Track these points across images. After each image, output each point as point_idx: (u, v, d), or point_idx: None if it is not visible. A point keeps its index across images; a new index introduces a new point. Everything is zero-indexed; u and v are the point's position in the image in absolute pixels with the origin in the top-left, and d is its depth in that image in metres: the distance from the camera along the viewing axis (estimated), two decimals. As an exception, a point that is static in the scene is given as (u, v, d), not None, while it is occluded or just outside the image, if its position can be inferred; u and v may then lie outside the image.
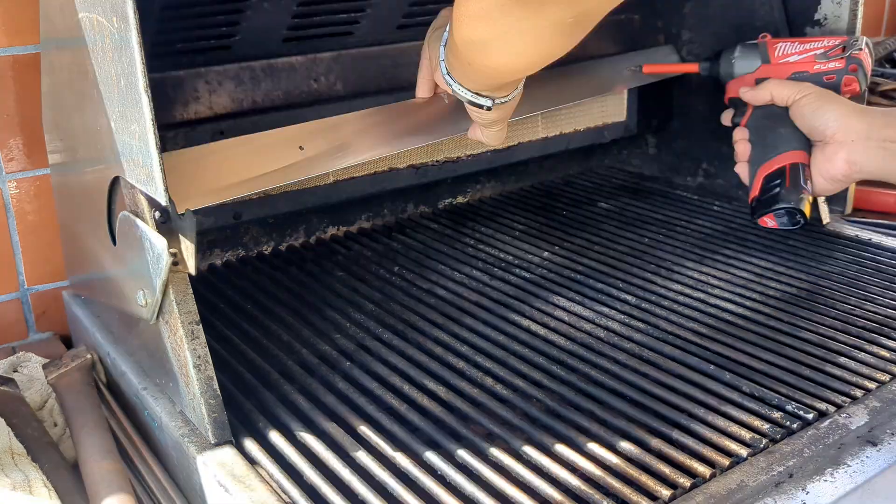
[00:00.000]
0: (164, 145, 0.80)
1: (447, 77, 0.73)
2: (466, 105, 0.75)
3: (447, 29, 0.73)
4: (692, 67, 1.02)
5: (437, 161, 1.10)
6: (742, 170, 0.91)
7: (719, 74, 0.98)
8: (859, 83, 0.89)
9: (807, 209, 0.84)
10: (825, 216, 1.06)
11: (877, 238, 1.01)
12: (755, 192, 0.87)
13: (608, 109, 1.25)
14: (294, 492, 0.60)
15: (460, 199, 1.17)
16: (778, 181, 0.84)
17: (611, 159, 1.32)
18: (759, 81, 0.93)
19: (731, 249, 0.98)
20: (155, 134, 0.58)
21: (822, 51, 0.90)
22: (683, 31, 1.17)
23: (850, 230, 1.04)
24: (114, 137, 0.65)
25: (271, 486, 0.61)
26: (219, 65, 0.88)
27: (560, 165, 1.26)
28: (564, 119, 1.20)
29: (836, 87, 0.88)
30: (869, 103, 1.06)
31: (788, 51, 0.92)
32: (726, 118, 0.97)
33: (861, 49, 0.89)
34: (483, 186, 1.19)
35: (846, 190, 1.07)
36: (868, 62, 0.90)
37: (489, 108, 0.73)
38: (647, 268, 0.94)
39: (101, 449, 0.72)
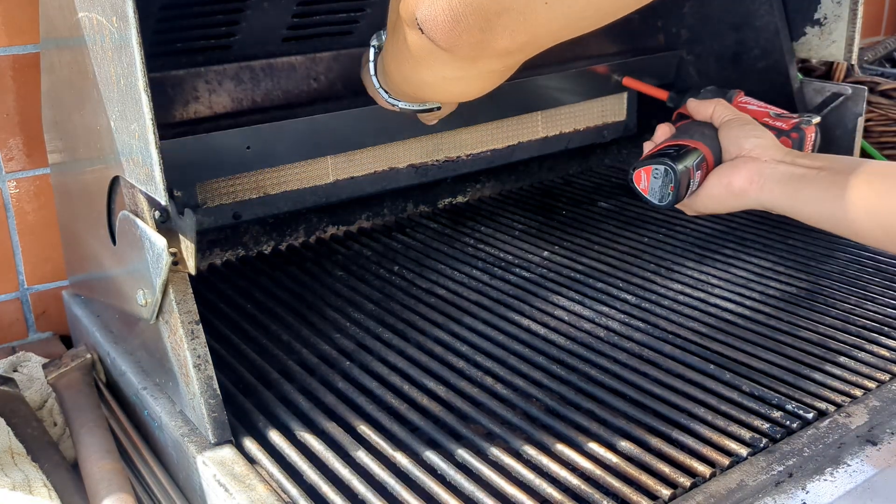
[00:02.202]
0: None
1: (389, 99, 0.78)
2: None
3: (375, 38, 0.78)
4: (662, 94, 1.04)
5: (436, 160, 1.10)
6: (648, 146, 0.87)
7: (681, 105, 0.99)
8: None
9: (682, 189, 0.79)
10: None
11: (877, 237, 1.01)
12: (648, 151, 0.84)
13: (608, 109, 1.25)
14: (294, 491, 0.60)
15: (460, 199, 1.17)
16: (677, 149, 0.82)
17: (611, 159, 1.32)
18: None
19: (730, 249, 0.98)
20: (155, 133, 0.58)
21: (778, 112, 0.94)
22: (683, 31, 1.18)
23: (850, 230, 1.04)
24: (114, 137, 0.65)
25: (271, 486, 0.61)
26: (218, 64, 0.88)
27: (560, 165, 1.26)
28: (564, 119, 1.20)
29: None
30: (869, 103, 1.06)
31: (751, 101, 0.97)
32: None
33: (810, 125, 0.92)
34: (483, 186, 1.19)
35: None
36: (810, 141, 0.92)
37: (438, 108, 0.79)
38: (646, 267, 0.94)
39: (101, 448, 0.72)
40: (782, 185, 0.75)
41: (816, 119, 0.93)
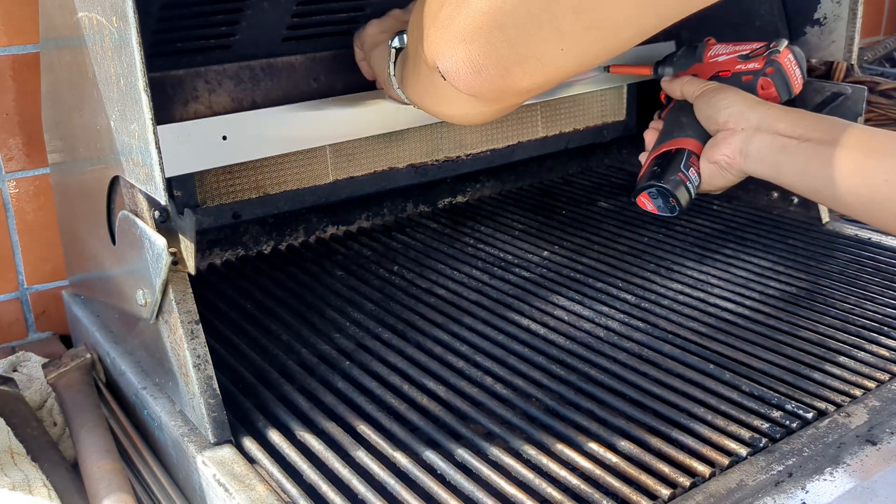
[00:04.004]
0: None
1: (408, 101, 0.78)
2: None
3: (397, 40, 0.78)
4: (646, 70, 1.03)
5: (436, 160, 1.10)
6: (643, 158, 0.90)
7: (663, 74, 0.97)
8: (777, 88, 0.86)
9: (682, 195, 0.81)
10: (825, 215, 1.06)
11: (876, 237, 1.01)
12: (640, 173, 0.86)
13: (607, 109, 1.25)
14: (293, 491, 0.60)
15: (460, 199, 1.17)
16: (660, 162, 0.83)
17: (610, 158, 1.32)
18: None
19: (730, 249, 0.98)
20: (155, 133, 0.58)
21: (747, 52, 0.89)
22: (683, 31, 1.17)
23: (850, 229, 1.04)
24: (113, 137, 0.65)
25: (271, 486, 0.61)
26: (218, 64, 0.88)
27: (559, 165, 1.26)
28: (564, 118, 1.20)
29: (752, 89, 0.86)
30: (869, 103, 1.06)
31: (720, 51, 0.91)
32: (657, 115, 0.96)
33: (779, 52, 0.87)
34: (483, 186, 1.19)
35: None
36: (789, 67, 0.87)
37: None
38: (646, 267, 0.94)
39: (101, 448, 0.72)
40: (763, 157, 0.76)
41: (784, 43, 0.88)
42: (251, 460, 0.64)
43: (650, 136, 0.90)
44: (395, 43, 0.78)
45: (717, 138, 0.80)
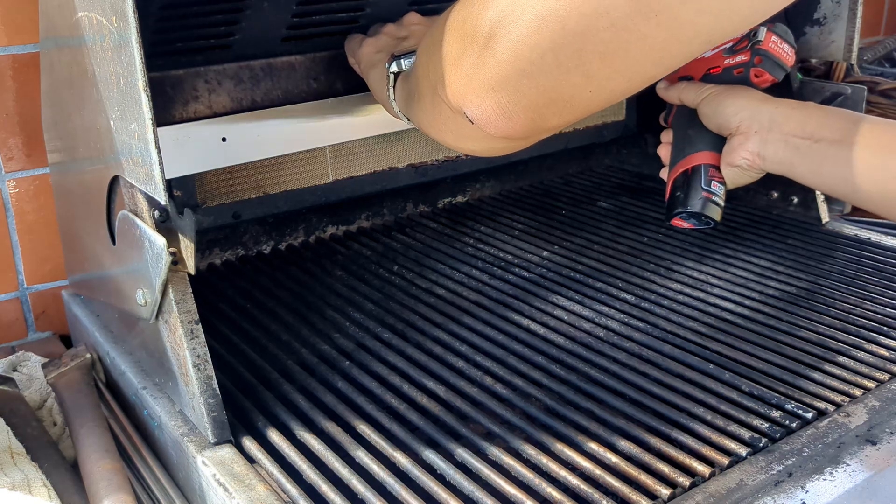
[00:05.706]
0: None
1: (404, 119, 0.78)
2: None
3: (394, 65, 0.77)
4: None
5: (436, 160, 1.10)
6: (664, 174, 0.89)
7: None
8: (769, 72, 0.84)
9: (712, 211, 0.81)
10: (824, 215, 1.06)
11: (876, 237, 1.02)
12: (666, 196, 0.87)
13: (607, 109, 1.25)
14: (293, 491, 0.60)
15: (460, 199, 1.17)
16: (681, 185, 0.84)
17: (610, 158, 1.32)
18: (681, 79, 0.91)
19: (730, 248, 0.98)
20: (154, 133, 0.58)
21: (730, 45, 0.87)
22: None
23: (850, 229, 1.04)
24: (113, 137, 0.65)
25: (271, 486, 0.61)
26: (218, 64, 0.88)
27: (559, 165, 1.26)
28: (564, 118, 1.20)
29: (746, 80, 0.85)
30: (868, 103, 1.06)
31: None
32: (662, 118, 0.96)
33: (760, 40, 0.85)
34: (482, 186, 1.19)
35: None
36: (777, 50, 0.85)
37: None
38: (646, 267, 0.94)
39: (101, 448, 0.73)
40: (779, 159, 0.77)
41: (762, 30, 0.85)
42: (251, 460, 0.64)
43: (664, 152, 0.90)
44: (393, 68, 0.77)
45: (734, 143, 0.81)
